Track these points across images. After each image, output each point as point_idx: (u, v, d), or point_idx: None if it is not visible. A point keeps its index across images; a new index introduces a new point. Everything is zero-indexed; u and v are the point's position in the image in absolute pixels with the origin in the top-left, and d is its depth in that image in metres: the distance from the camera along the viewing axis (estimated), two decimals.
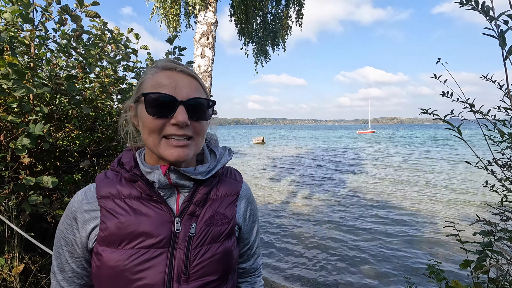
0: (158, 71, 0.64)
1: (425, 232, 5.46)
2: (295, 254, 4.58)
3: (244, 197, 0.77)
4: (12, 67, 1.40)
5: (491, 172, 1.35)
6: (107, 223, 0.61)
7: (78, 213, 0.64)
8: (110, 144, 2.31)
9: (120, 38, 2.23)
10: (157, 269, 0.59)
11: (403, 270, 4.05)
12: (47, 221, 2.10)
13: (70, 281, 0.65)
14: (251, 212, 0.79)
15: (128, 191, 0.64)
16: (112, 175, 0.68)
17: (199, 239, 0.64)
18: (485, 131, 1.26)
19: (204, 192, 0.68)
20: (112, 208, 0.62)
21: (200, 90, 0.66)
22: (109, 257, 0.59)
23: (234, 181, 0.77)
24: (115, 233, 0.60)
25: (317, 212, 6.78)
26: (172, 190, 0.66)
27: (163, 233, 0.61)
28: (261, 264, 0.87)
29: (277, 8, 6.67)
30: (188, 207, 0.65)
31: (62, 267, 0.65)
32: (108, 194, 0.64)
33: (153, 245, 0.60)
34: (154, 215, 0.62)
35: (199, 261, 0.62)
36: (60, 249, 0.65)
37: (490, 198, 7.23)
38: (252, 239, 0.80)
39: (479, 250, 1.56)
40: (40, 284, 1.84)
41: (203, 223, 0.65)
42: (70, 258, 0.64)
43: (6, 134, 1.66)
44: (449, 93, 1.28)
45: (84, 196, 0.66)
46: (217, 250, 0.65)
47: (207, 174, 0.69)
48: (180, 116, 0.59)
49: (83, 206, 0.64)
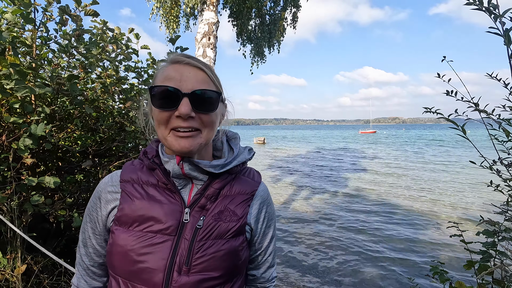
0: (167, 65, 0.66)
1: (428, 233, 5.43)
2: (296, 254, 4.57)
3: (260, 198, 0.75)
4: (14, 67, 1.40)
5: (496, 172, 1.34)
6: (123, 205, 0.66)
7: (102, 193, 0.70)
8: (112, 144, 2.31)
9: (121, 38, 2.23)
10: (160, 255, 0.61)
11: (406, 270, 4.03)
12: (49, 222, 2.11)
13: (90, 257, 0.71)
14: (267, 215, 0.76)
15: (147, 178, 0.69)
16: (138, 163, 0.74)
17: (205, 232, 0.64)
18: (490, 130, 1.25)
19: (218, 187, 0.68)
20: (130, 191, 0.67)
21: (207, 82, 0.65)
22: (120, 236, 0.63)
23: (251, 180, 0.76)
24: (128, 214, 0.64)
25: (318, 212, 6.76)
26: (187, 181, 0.69)
27: (171, 221, 0.63)
28: (274, 277, 0.82)
29: (274, 9, 6.68)
30: (199, 200, 0.67)
31: (85, 242, 0.71)
32: (129, 179, 0.70)
33: (160, 230, 0.63)
34: (166, 203, 0.65)
35: (202, 254, 0.62)
36: (85, 225, 0.71)
37: (494, 198, 7.19)
38: (265, 245, 0.77)
39: (483, 250, 1.55)
40: (42, 285, 1.84)
41: (212, 217, 0.66)
42: (92, 235, 0.70)
43: (9, 134, 1.66)
44: (454, 92, 1.27)
45: (110, 179, 0.72)
46: (222, 246, 0.64)
47: (222, 168, 0.69)
48: (183, 108, 0.60)
49: (107, 188, 0.70)
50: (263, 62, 7.41)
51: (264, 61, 7.39)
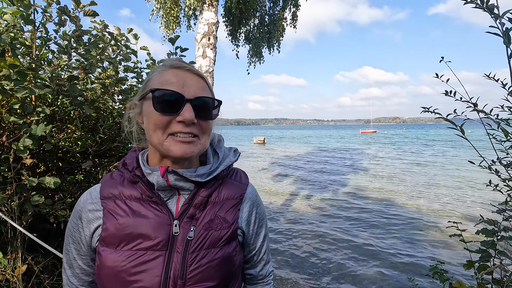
0: (166, 69, 0.65)
1: (428, 232, 5.44)
2: (295, 254, 4.57)
3: (249, 201, 0.74)
4: (13, 68, 1.40)
5: (495, 172, 1.34)
6: (107, 224, 0.62)
7: (83, 212, 0.65)
8: (112, 145, 2.31)
9: (121, 38, 2.23)
10: (154, 272, 0.58)
11: (406, 270, 4.03)
12: (49, 222, 2.11)
13: (78, 277, 0.67)
14: (257, 216, 0.76)
15: (129, 192, 0.65)
16: (117, 175, 0.69)
17: (197, 243, 0.62)
18: (488, 130, 1.25)
19: (205, 195, 0.66)
20: (112, 208, 0.63)
21: (206, 90, 0.66)
22: (107, 257, 0.60)
23: (238, 183, 0.74)
24: (114, 234, 0.61)
25: (317, 212, 6.76)
26: (173, 192, 0.66)
27: (160, 235, 0.61)
28: (271, 271, 0.84)
29: (274, 9, 6.68)
30: (187, 210, 0.64)
31: (70, 263, 0.67)
32: (110, 195, 0.65)
33: (150, 247, 0.60)
34: (153, 217, 0.62)
35: (196, 265, 0.60)
36: (68, 246, 0.67)
37: (492, 197, 7.19)
38: (259, 244, 0.77)
39: (482, 249, 1.55)
40: (43, 285, 1.84)
41: (202, 226, 0.64)
42: (77, 256, 0.66)
43: (9, 135, 1.67)
44: (453, 92, 1.27)
45: (89, 196, 0.67)
46: (215, 255, 0.63)
47: (208, 176, 0.67)
48: (187, 114, 0.60)
49: (87, 206, 0.66)
50: (262, 62, 7.39)
51: (262, 61, 7.37)
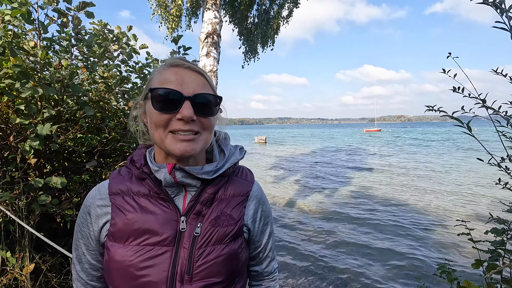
0: (166, 68, 0.65)
1: (436, 231, 5.37)
2: (300, 252, 4.56)
3: (255, 198, 0.75)
4: (16, 68, 1.41)
5: (504, 169, 1.31)
6: (115, 219, 0.63)
7: (91, 207, 0.67)
8: (117, 144, 2.33)
9: (123, 37, 2.24)
10: (161, 267, 0.60)
11: (413, 269, 3.99)
12: (56, 221, 2.13)
13: (87, 272, 0.69)
14: (263, 214, 0.77)
15: (137, 189, 0.66)
16: (125, 172, 0.71)
17: (204, 239, 0.63)
18: (497, 127, 1.22)
19: (212, 191, 0.67)
20: (121, 204, 0.64)
21: (207, 87, 0.66)
22: (116, 252, 0.61)
23: (244, 181, 0.75)
24: (122, 229, 0.62)
25: (321, 211, 6.73)
26: (180, 189, 0.67)
27: (168, 231, 0.62)
28: (276, 268, 0.85)
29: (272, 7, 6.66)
30: (194, 206, 0.65)
31: (79, 258, 0.69)
32: (119, 191, 0.66)
33: (158, 242, 0.61)
34: (160, 213, 0.63)
35: (202, 261, 0.62)
36: (77, 242, 0.69)
37: (502, 196, 7.07)
38: (264, 241, 0.78)
39: (491, 249, 1.52)
40: (51, 284, 1.87)
41: (209, 223, 0.65)
42: (86, 251, 0.68)
43: (16, 135, 1.69)
44: (461, 89, 1.24)
45: (98, 192, 0.68)
46: (222, 251, 0.64)
47: (214, 173, 0.68)
48: (186, 111, 0.60)
49: (96, 202, 0.67)
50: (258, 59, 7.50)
51: (258, 58, 7.48)
